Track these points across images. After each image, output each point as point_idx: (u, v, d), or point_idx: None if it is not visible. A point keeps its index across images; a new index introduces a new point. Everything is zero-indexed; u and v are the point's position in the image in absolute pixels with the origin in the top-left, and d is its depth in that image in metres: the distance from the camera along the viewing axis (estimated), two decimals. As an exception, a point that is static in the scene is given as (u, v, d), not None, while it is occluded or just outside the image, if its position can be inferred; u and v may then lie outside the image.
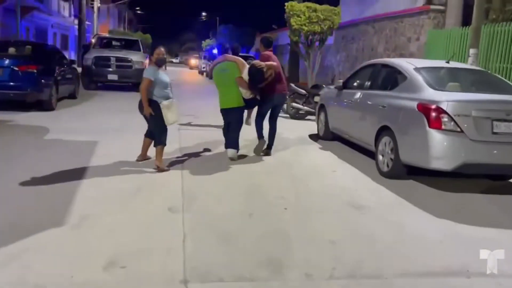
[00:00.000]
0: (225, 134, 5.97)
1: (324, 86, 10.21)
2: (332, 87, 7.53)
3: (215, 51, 8.67)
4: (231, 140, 5.85)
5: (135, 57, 13.94)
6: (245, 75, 5.84)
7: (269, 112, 6.14)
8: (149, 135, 5.22)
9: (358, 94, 6.23)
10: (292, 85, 10.50)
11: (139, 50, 15.00)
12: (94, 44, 15.53)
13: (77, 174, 4.52)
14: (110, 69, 13.75)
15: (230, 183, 4.62)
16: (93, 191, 4.05)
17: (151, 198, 4.01)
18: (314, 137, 7.57)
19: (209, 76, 6.07)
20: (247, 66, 5.84)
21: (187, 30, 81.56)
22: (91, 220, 3.40)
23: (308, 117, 10.15)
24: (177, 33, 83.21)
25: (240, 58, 5.95)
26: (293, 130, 8.22)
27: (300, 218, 3.67)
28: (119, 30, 44.66)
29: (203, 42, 53.23)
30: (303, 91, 10.29)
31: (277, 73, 6.03)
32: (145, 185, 4.35)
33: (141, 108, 4.92)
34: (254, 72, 5.77)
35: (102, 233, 3.16)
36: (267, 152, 6.16)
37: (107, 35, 20.35)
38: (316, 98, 9.52)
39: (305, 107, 10.15)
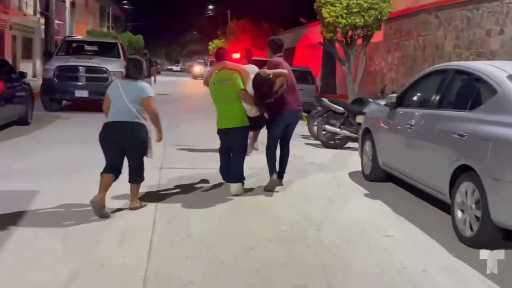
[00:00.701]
0: (223, 163, 6.20)
1: (370, 100, 10.34)
2: (381, 102, 7.58)
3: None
4: (234, 170, 6.05)
5: (113, 66, 14.00)
6: (250, 88, 5.99)
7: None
8: (112, 170, 5.19)
9: (421, 115, 5.92)
10: (325, 100, 10.54)
11: (119, 56, 15.17)
12: (58, 50, 15.41)
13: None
14: (79, 83, 13.80)
15: (224, 257, 4.12)
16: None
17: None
18: (356, 177, 7.39)
19: (205, 83, 6.55)
20: (252, 75, 5.98)
21: (190, 28, 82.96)
22: None
23: (349, 144, 10.13)
24: (177, 33, 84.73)
25: (242, 66, 6.14)
26: (325, 165, 8.19)
27: None
28: (101, 30, 45.52)
29: (210, 43, 53.92)
30: (341, 108, 10.22)
31: (289, 85, 6.21)
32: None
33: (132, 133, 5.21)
34: (261, 83, 5.88)
35: None
36: (279, 182, 6.43)
37: (78, 37, 20.28)
38: (359, 118, 9.55)
39: (344, 131, 10.05)
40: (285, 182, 6.58)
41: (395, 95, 6.69)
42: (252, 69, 6.47)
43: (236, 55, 10.82)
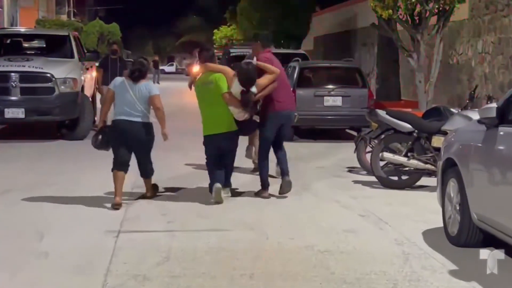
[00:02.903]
0: (213, 173, 8.48)
1: (453, 111, 10.39)
2: (471, 114, 8.08)
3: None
4: (220, 174, 8.41)
5: (61, 71, 14.14)
6: (236, 87, 8.07)
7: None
8: (123, 166, 8.24)
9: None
10: (382, 112, 10.47)
11: (71, 55, 15.39)
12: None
13: None
14: (10, 98, 13.89)
15: None
16: None
17: None
18: (437, 239, 7.19)
19: (190, 86, 8.99)
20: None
21: (187, 11, 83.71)
22: None
23: (421, 180, 9.96)
24: (169, 19, 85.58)
25: (226, 68, 8.30)
26: (384, 220, 8.07)
27: None
28: (58, 18, 45.88)
29: (215, 32, 54.32)
30: (408, 126, 9.99)
31: (281, 81, 8.33)
32: None
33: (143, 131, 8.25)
34: (245, 72, 8.10)
35: None
36: (286, 185, 8.69)
37: (12, 29, 20.25)
38: (437, 141, 9.57)
39: (413, 161, 9.90)
40: (319, 255, 6.55)
41: (494, 105, 6.55)
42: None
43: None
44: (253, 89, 8.18)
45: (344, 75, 16.00)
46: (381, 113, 10.27)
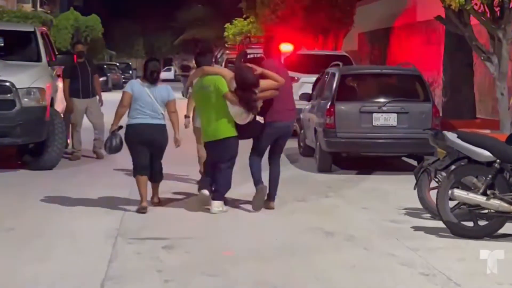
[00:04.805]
0: (207, 173, 10.80)
1: None
2: None
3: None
4: (218, 186, 10.50)
5: (23, 79, 14.36)
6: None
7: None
8: (145, 170, 10.55)
9: None
10: (452, 135, 10.34)
11: (38, 58, 15.69)
12: None
13: None
14: None
15: None
16: None
17: None
18: None
19: (185, 93, 12.53)
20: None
21: (189, 0, 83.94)
22: None
23: (506, 226, 9.94)
24: (166, 9, 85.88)
25: (224, 70, 10.18)
26: (454, 280, 8.07)
27: None
28: (21, 9, 46.24)
29: (227, 26, 54.54)
30: (486, 154, 9.97)
31: (285, 90, 10.36)
32: None
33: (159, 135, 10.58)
34: (241, 74, 9.99)
35: None
36: (269, 204, 10.81)
37: None
38: None
39: (494, 201, 9.87)
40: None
41: None
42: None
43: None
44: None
45: (400, 85, 15.97)
46: (451, 136, 10.14)
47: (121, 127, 10.55)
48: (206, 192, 10.45)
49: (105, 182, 12.83)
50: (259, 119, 10.36)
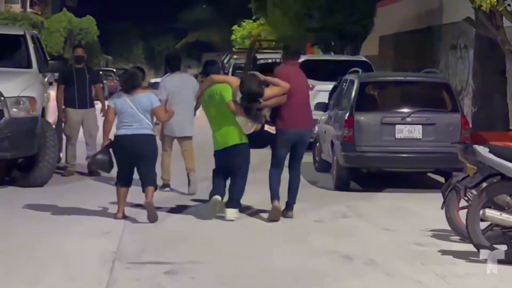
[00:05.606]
0: (217, 185, 11.50)
1: None
2: None
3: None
4: (233, 195, 11.40)
5: (11, 87, 14.45)
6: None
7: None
8: (127, 181, 11.42)
9: None
10: (484, 150, 10.33)
11: (28, 65, 15.81)
12: None
13: None
14: None
15: None
16: None
17: None
18: None
19: (197, 106, 12.71)
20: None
21: (193, 0, 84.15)
22: None
23: None
24: (167, 11, 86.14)
25: (231, 78, 10.77)
26: None
27: None
28: (10, 10, 46.52)
29: (235, 29, 54.43)
30: None
31: (298, 96, 11.19)
32: None
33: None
34: (245, 84, 10.90)
35: None
36: (287, 213, 11.62)
37: None
38: None
39: None
40: None
41: None
42: None
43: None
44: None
45: (425, 94, 15.88)
46: (482, 150, 10.15)
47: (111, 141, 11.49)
48: (218, 197, 11.28)
49: (101, 200, 12.71)
50: (269, 128, 11.24)
